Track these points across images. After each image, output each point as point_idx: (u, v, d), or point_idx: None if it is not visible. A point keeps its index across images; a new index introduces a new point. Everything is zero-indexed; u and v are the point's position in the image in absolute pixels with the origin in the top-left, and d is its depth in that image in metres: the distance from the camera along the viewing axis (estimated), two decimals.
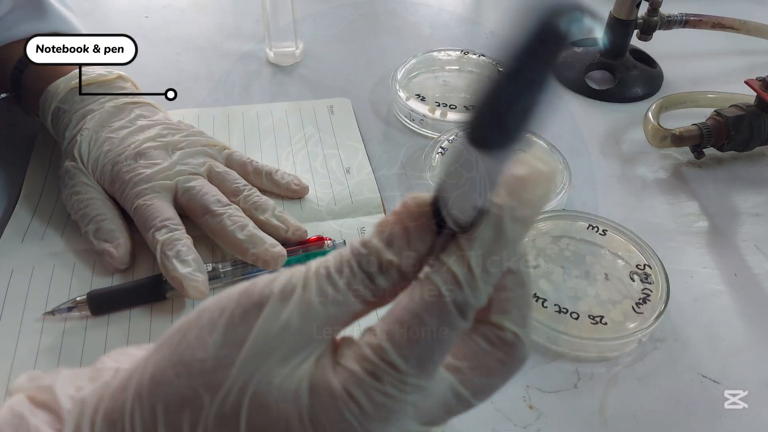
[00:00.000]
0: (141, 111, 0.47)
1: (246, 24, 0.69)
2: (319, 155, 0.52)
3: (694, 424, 0.35)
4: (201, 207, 0.42)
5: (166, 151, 0.45)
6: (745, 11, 0.67)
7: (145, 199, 0.42)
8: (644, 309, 0.39)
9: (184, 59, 0.64)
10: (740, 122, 0.50)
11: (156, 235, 0.40)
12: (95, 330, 0.39)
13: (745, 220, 0.48)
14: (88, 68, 0.48)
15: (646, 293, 0.40)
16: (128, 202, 0.43)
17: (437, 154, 0.50)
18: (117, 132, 0.45)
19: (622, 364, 0.38)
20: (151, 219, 0.41)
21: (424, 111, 0.54)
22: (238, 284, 0.22)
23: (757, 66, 0.65)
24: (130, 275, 0.42)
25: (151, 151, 0.44)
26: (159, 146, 0.45)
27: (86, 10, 0.71)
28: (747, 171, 0.53)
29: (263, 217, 0.43)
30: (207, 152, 0.46)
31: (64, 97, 0.47)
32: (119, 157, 0.44)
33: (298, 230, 0.43)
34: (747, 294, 0.43)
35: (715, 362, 0.38)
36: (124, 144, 0.44)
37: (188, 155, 0.45)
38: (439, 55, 0.61)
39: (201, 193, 0.43)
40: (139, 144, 0.44)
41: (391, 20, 0.71)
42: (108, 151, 0.44)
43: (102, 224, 0.42)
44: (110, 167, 0.44)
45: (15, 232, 0.44)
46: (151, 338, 0.38)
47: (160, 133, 0.46)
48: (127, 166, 0.43)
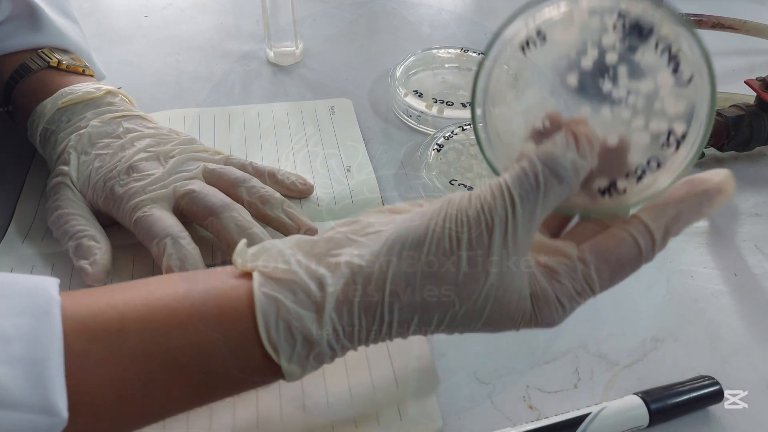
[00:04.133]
0: (130, 124, 0.45)
1: (246, 24, 0.69)
2: (320, 155, 0.52)
3: (695, 423, 0.35)
4: (204, 209, 0.41)
5: (158, 161, 0.44)
6: (745, 11, 0.67)
7: (144, 211, 0.40)
8: None
9: (184, 59, 0.64)
10: (740, 122, 0.50)
11: (160, 246, 0.39)
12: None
13: (745, 220, 0.48)
14: (75, 86, 0.46)
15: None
16: (126, 217, 0.41)
17: (433, 151, 0.50)
18: (106, 148, 0.44)
19: (622, 364, 0.38)
20: (153, 230, 0.40)
21: (421, 107, 0.54)
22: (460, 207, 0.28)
23: (756, 66, 0.65)
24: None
25: (143, 163, 0.43)
26: (150, 157, 0.43)
27: (86, 11, 0.71)
28: (747, 171, 0.53)
29: (272, 213, 0.42)
30: (200, 158, 0.45)
31: (51, 117, 0.46)
32: (111, 173, 0.42)
33: (310, 230, 0.42)
34: (747, 294, 0.43)
35: (715, 362, 0.38)
36: (115, 159, 0.43)
37: (181, 162, 0.44)
38: (439, 53, 0.61)
39: (201, 194, 0.41)
40: (129, 157, 0.43)
41: (390, 20, 0.71)
42: (99, 168, 0.43)
43: (82, 241, 0.40)
44: (102, 184, 0.42)
45: (16, 232, 0.44)
46: None
47: (150, 144, 0.44)
48: (120, 181, 0.42)
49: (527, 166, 0.27)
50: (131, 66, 0.63)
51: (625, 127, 0.28)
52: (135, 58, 0.64)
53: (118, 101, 0.47)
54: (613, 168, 0.29)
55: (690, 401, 0.35)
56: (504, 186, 0.27)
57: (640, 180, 0.29)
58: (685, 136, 0.28)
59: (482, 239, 0.27)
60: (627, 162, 0.29)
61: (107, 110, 0.46)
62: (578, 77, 0.29)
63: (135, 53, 0.65)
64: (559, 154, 0.27)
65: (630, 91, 0.28)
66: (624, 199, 0.30)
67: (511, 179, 0.27)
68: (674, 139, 0.28)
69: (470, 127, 0.52)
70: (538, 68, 0.29)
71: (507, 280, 0.27)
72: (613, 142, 0.29)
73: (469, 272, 0.27)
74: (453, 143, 0.51)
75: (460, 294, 0.27)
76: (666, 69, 0.27)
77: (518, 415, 0.35)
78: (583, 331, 0.40)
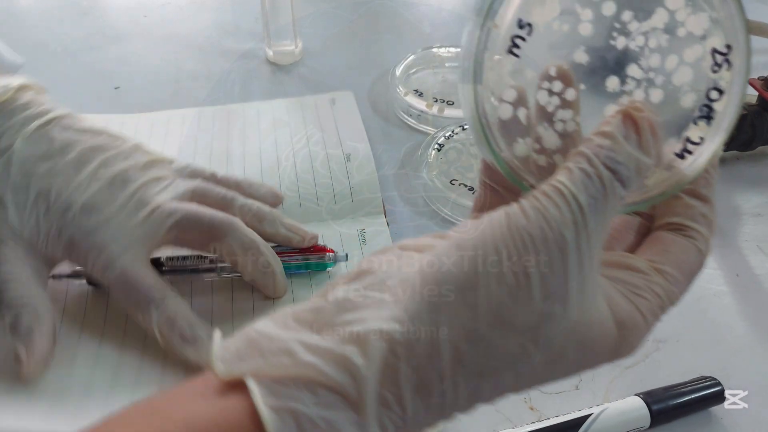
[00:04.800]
0: (62, 134, 0.38)
1: (245, 22, 0.69)
2: (320, 154, 0.51)
3: (696, 424, 0.35)
4: (205, 234, 0.37)
5: (115, 185, 0.37)
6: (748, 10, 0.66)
7: (116, 273, 0.35)
8: None
9: (183, 58, 0.64)
10: (742, 122, 0.50)
11: (145, 316, 0.35)
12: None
13: (748, 221, 0.48)
14: None
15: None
16: (98, 274, 0.36)
17: (433, 151, 0.50)
18: (46, 180, 0.36)
19: (623, 364, 0.38)
20: (133, 295, 0.35)
21: (421, 107, 0.54)
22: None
23: (758, 65, 0.64)
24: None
25: (97, 197, 0.37)
26: (103, 186, 0.37)
27: (84, 9, 0.71)
28: (749, 171, 0.52)
29: (272, 230, 0.40)
30: (159, 175, 0.39)
31: None
32: (63, 219, 0.36)
33: (313, 238, 0.41)
34: (749, 294, 0.42)
35: (716, 362, 0.38)
36: (62, 198, 0.36)
37: (144, 185, 0.38)
38: (440, 52, 0.61)
39: (194, 219, 0.37)
40: (80, 195, 0.36)
41: (390, 19, 0.71)
42: (46, 213, 0.36)
43: (21, 315, 0.34)
44: (57, 232, 0.36)
45: None
46: None
47: (98, 166, 0.37)
48: (79, 230, 0.36)
49: (587, 167, 0.22)
50: (129, 65, 0.63)
51: (664, 78, 0.24)
52: (133, 57, 0.64)
53: (34, 98, 0.39)
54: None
55: (692, 402, 0.35)
56: (568, 193, 0.21)
57: (690, 147, 0.25)
58: (730, 49, 0.24)
59: (555, 264, 0.21)
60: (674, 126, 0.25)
61: (27, 117, 0.37)
62: (586, 50, 0.24)
63: (133, 52, 0.64)
64: (620, 152, 0.22)
65: (646, 32, 0.24)
66: (676, 175, 0.25)
67: (574, 184, 0.21)
68: (721, 58, 0.24)
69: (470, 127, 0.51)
70: (538, 64, 0.25)
71: (588, 309, 0.22)
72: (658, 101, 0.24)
73: (546, 309, 0.21)
74: (453, 143, 0.51)
75: (536, 340, 0.21)
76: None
77: (519, 416, 0.35)
78: None
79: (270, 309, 0.40)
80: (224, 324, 0.38)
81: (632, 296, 0.24)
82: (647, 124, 0.23)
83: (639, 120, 0.22)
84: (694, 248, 0.25)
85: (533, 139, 0.25)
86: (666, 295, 0.24)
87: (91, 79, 0.60)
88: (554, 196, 0.21)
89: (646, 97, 0.25)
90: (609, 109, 0.24)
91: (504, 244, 0.21)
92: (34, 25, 0.68)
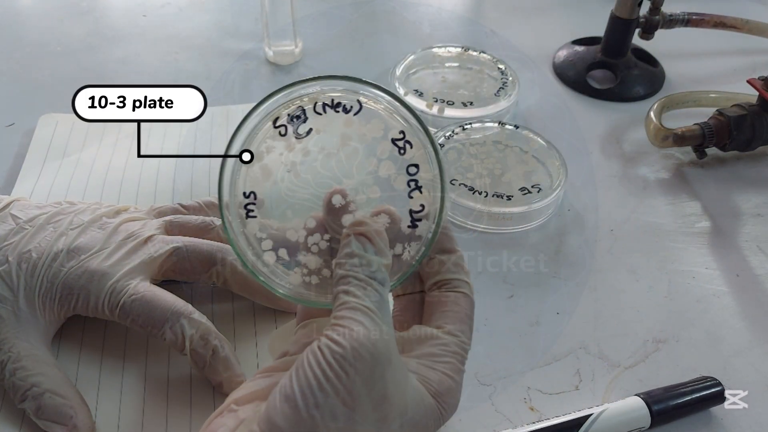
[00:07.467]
0: (24, 211, 0.38)
1: (245, 23, 0.69)
2: None
3: (696, 424, 0.35)
4: (203, 261, 0.37)
5: (94, 229, 0.37)
6: (747, 10, 0.67)
7: (129, 294, 0.34)
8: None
9: (183, 58, 0.64)
10: (742, 122, 0.50)
11: (175, 330, 0.34)
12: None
13: (748, 221, 0.48)
14: None
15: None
16: (104, 306, 0.35)
17: None
18: (23, 246, 0.35)
19: (623, 365, 0.38)
20: (155, 313, 0.34)
21: (421, 107, 0.54)
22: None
23: (759, 65, 0.64)
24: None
25: (81, 241, 0.36)
26: (84, 230, 0.37)
27: (83, 9, 0.71)
28: (749, 171, 0.52)
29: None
30: (133, 217, 0.39)
31: None
32: (52, 268, 0.35)
33: None
34: (749, 295, 0.42)
35: (716, 362, 0.38)
36: (44, 252, 0.35)
37: (124, 223, 0.38)
38: (439, 52, 0.61)
39: (192, 247, 0.37)
40: (63, 243, 0.36)
41: (390, 19, 0.71)
42: (32, 272, 0.35)
43: (43, 400, 0.33)
44: (50, 284, 0.35)
45: None
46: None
47: (71, 221, 0.37)
48: (72, 270, 0.35)
49: (359, 284, 0.26)
50: (129, 65, 0.63)
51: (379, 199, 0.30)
52: (133, 58, 0.64)
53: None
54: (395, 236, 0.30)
55: (692, 402, 0.35)
56: (361, 306, 0.26)
57: (417, 216, 0.30)
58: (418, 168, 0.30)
59: (370, 376, 0.25)
60: (400, 228, 0.30)
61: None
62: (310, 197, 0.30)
63: (133, 52, 0.64)
64: (369, 263, 0.27)
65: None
66: (414, 248, 0.30)
67: (358, 299, 0.26)
68: (414, 184, 0.30)
69: (471, 127, 0.51)
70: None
71: (411, 400, 0.26)
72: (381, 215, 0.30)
73: (378, 415, 0.25)
74: (453, 143, 0.51)
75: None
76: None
77: (519, 416, 0.35)
78: (585, 332, 0.40)
79: (270, 314, 0.40)
80: (225, 329, 0.38)
81: (437, 365, 0.28)
82: (374, 233, 0.28)
83: (366, 233, 0.27)
84: (462, 295, 0.30)
85: (300, 267, 0.30)
86: (461, 349, 0.29)
87: (91, 79, 0.60)
88: (355, 315, 0.25)
89: (366, 201, 0.30)
90: (346, 218, 0.29)
91: (316, 378, 0.24)
92: (34, 25, 0.68)
